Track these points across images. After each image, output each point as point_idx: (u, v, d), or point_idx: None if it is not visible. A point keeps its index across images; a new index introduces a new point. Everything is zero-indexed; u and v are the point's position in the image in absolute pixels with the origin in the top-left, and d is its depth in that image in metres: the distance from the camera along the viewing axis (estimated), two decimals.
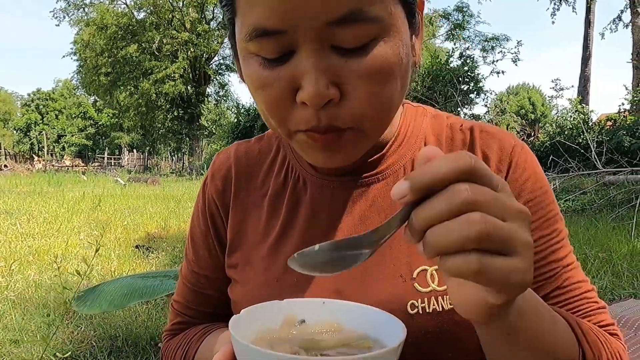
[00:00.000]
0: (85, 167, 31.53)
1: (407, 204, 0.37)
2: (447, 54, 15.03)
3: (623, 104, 12.13)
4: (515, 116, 16.93)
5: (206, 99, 30.35)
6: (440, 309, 0.57)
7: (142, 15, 28.18)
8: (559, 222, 0.63)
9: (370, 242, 0.39)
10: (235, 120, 20.03)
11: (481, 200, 0.35)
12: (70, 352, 2.44)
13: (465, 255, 0.35)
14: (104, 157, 38.18)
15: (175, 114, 30.08)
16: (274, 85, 0.51)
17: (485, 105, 16.26)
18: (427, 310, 0.57)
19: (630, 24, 15.23)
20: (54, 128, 47.50)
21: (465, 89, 14.28)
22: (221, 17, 29.21)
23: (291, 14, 0.46)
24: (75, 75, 31.90)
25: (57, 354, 2.36)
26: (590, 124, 11.94)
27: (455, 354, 0.59)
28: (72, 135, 46.51)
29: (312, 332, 0.50)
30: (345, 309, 0.52)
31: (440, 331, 0.57)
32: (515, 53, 17.83)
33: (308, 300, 0.52)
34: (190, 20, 27.80)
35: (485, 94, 15.10)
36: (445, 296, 0.58)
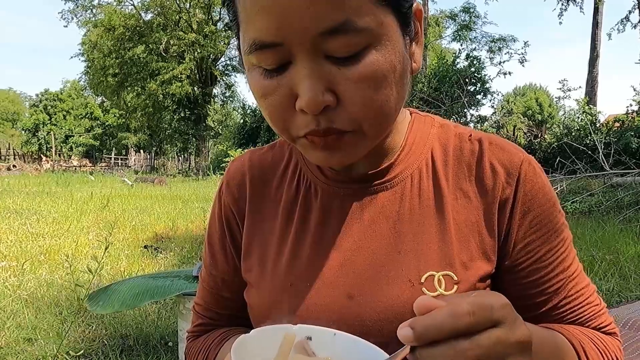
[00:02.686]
0: (93, 167, 31.73)
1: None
2: (454, 55, 15.02)
3: (631, 105, 12.09)
4: (522, 117, 16.89)
5: (213, 99, 30.45)
6: None
7: (149, 16, 28.32)
8: (565, 230, 0.65)
9: None
10: (242, 120, 20.10)
11: (481, 354, 0.41)
12: (82, 351, 2.48)
13: None
14: (111, 158, 38.41)
15: (182, 114, 30.21)
16: (274, 94, 0.54)
17: (492, 106, 16.24)
18: None
19: (639, 24, 15.15)
20: (62, 128, 47.80)
21: (472, 89, 14.25)
22: (228, 18, 29.26)
23: (285, 28, 0.49)
24: (83, 76, 32.14)
25: (70, 351, 2.40)
26: (597, 125, 11.89)
27: None
28: (80, 136, 46.79)
29: None
30: (355, 346, 0.50)
31: None
32: (522, 54, 17.79)
33: (321, 329, 0.52)
34: (197, 22, 27.91)
35: (492, 95, 15.08)
36: None
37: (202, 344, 0.76)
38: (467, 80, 13.79)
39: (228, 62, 31.52)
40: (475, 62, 14.52)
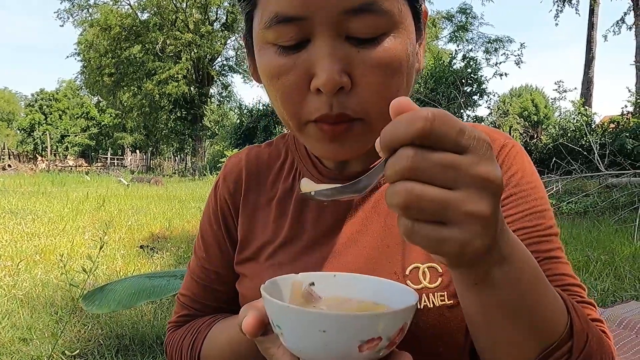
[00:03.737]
0: (89, 167, 31.62)
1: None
2: (450, 55, 15.07)
3: (626, 106, 12.14)
4: (518, 118, 16.95)
5: (209, 99, 30.42)
6: (431, 306, 0.60)
7: (145, 16, 28.29)
8: (546, 218, 0.63)
9: (356, 190, 0.42)
10: (238, 121, 20.07)
11: (422, 168, 0.35)
12: (78, 350, 2.47)
13: (402, 219, 0.37)
14: (107, 158, 38.31)
15: (179, 114, 30.17)
16: (289, 73, 0.54)
17: (488, 107, 16.28)
18: (419, 307, 0.59)
19: (634, 26, 15.22)
20: (58, 128, 47.60)
21: (468, 90, 14.30)
22: (225, 18, 29.28)
23: (311, 2, 0.50)
24: (79, 76, 32.09)
25: (66, 351, 2.40)
26: (593, 126, 11.94)
27: (446, 349, 0.61)
28: (76, 136, 46.63)
29: (331, 302, 0.53)
30: (357, 281, 0.55)
31: (431, 326, 0.60)
32: (519, 55, 17.85)
33: (321, 274, 0.56)
34: (193, 22, 27.87)
35: (488, 96, 15.14)
36: (436, 293, 0.60)
37: (188, 329, 0.76)
38: (463, 81, 13.83)
39: (225, 62, 31.54)
40: (471, 63, 14.57)
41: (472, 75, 14.39)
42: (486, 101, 15.77)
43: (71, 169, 29.48)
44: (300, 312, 0.43)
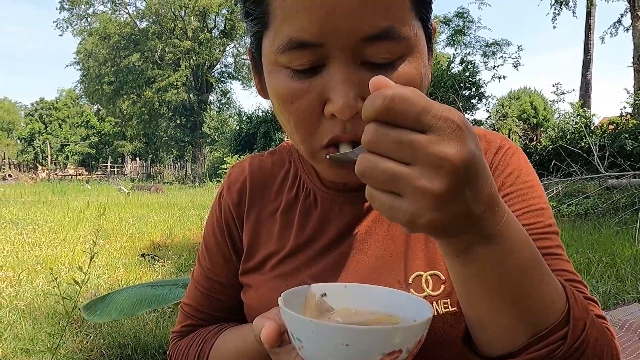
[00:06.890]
0: (89, 176, 31.60)
1: None
2: (448, 59, 15.11)
3: (625, 108, 12.17)
4: (517, 121, 16.97)
5: (208, 106, 30.49)
6: (435, 313, 0.60)
7: (144, 24, 28.46)
8: (545, 217, 0.63)
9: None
10: (238, 127, 20.12)
11: (379, 143, 0.38)
12: None
13: (367, 185, 0.40)
14: (107, 166, 38.31)
15: (178, 121, 30.26)
16: (303, 98, 0.53)
17: (487, 111, 16.29)
18: None
19: (631, 27, 15.25)
20: (58, 137, 47.64)
21: (466, 94, 14.32)
22: (223, 25, 29.38)
23: (329, 28, 0.49)
24: (79, 85, 32.25)
25: None
26: (592, 128, 11.96)
27: (450, 356, 0.61)
28: (76, 144, 46.65)
29: (344, 312, 0.53)
30: (367, 291, 0.56)
31: (434, 334, 0.60)
32: (516, 58, 17.90)
33: (332, 285, 0.57)
34: (192, 29, 28.00)
35: (486, 99, 15.17)
36: (439, 301, 0.61)
37: (194, 338, 0.76)
38: (461, 84, 13.86)
39: (223, 69, 31.66)
40: (469, 67, 14.61)
41: (470, 78, 14.42)
42: (485, 104, 15.79)
43: (71, 177, 29.47)
44: (323, 326, 0.43)
